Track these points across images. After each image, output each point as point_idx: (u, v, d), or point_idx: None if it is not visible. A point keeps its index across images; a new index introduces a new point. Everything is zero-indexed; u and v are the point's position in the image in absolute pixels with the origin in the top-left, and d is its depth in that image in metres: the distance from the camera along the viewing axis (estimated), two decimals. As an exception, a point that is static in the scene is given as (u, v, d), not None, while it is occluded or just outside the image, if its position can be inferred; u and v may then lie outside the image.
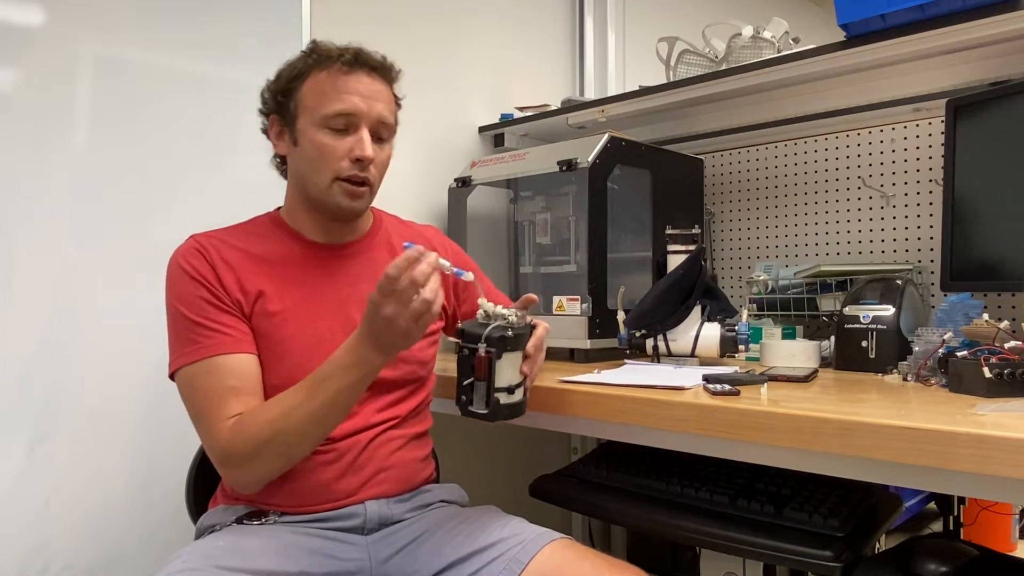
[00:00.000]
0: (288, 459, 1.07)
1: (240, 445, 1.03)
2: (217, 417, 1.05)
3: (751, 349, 1.50)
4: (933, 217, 1.63)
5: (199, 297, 1.10)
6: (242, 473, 1.06)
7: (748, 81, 1.66)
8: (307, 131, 1.14)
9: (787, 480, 1.24)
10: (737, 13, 2.00)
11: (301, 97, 1.15)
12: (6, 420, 1.38)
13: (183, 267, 1.12)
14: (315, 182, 1.15)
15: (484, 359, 1.03)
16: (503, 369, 1.05)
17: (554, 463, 1.58)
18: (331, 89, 1.13)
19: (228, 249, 1.15)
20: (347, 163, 1.13)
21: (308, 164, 1.15)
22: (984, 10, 1.30)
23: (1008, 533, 2.50)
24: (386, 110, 1.17)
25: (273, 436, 1.03)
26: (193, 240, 1.16)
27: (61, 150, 1.44)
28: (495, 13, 2.24)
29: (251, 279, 1.14)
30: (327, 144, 1.13)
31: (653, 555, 2.07)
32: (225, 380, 1.07)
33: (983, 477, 0.81)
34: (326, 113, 1.12)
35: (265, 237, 1.20)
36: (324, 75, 1.14)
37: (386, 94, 1.18)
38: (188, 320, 1.09)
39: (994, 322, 1.17)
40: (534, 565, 1.04)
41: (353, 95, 1.13)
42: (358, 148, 1.13)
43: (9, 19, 1.39)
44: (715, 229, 2.01)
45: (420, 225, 1.41)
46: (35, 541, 1.40)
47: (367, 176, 1.16)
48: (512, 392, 1.06)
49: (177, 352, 1.10)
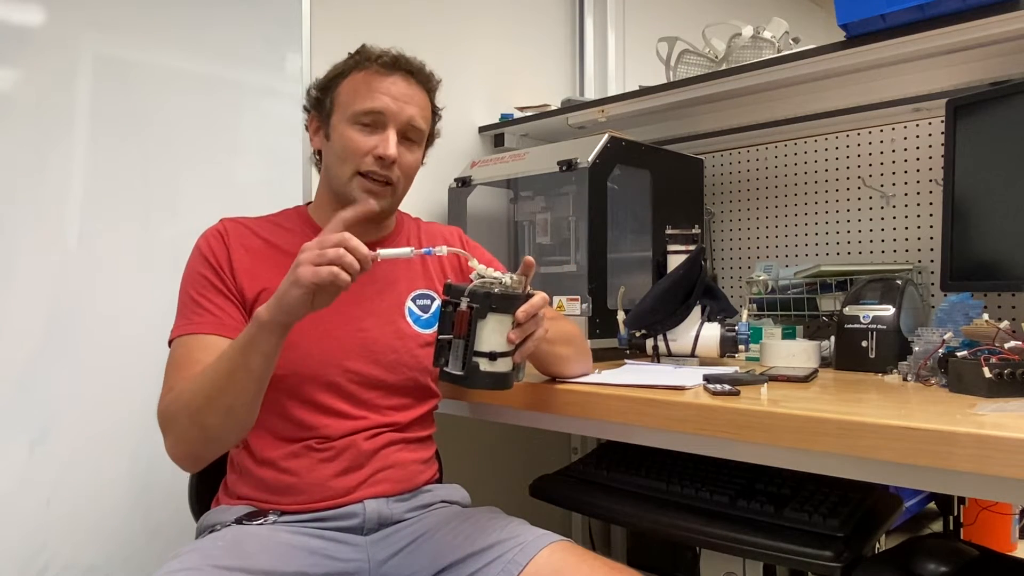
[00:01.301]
0: (201, 428, 1.02)
1: (165, 410, 1.05)
2: (166, 388, 1.07)
3: (751, 349, 1.50)
4: (933, 217, 1.63)
5: (204, 276, 1.14)
6: (168, 443, 1.06)
7: (748, 81, 1.66)
8: (338, 126, 1.18)
9: (787, 480, 1.24)
10: (737, 13, 1.99)
11: (338, 94, 1.19)
12: (6, 420, 1.38)
13: (201, 247, 1.17)
14: (338, 175, 1.19)
15: (465, 314, 0.96)
16: (486, 331, 0.97)
17: (554, 463, 1.58)
18: (365, 88, 1.17)
19: (251, 237, 1.20)
20: (370, 159, 1.16)
21: (334, 158, 1.19)
22: (984, 10, 1.30)
23: (1008, 533, 2.50)
24: (418, 115, 1.19)
25: (187, 400, 1.02)
26: (221, 223, 1.21)
27: (61, 150, 1.44)
28: (495, 13, 2.24)
29: (265, 271, 1.16)
30: (353, 138, 1.16)
31: (653, 555, 2.07)
32: (194, 354, 1.08)
33: (983, 477, 0.81)
34: (356, 110, 1.16)
35: (290, 231, 1.23)
36: (362, 75, 1.18)
37: (420, 99, 1.20)
38: (188, 296, 1.14)
39: (994, 322, 1.17)
40: (532, 567, 1.03)
41: (385, 95, 1.16)
42: (382, 146, 1.15)
43: (9, 19, 1.39)
44: (715, 229, 2.01)
45: (443, 226, 1.41)
46: (35, 541, 1.40)
47: (389, 175, 1.17)
48: (495, 359, 0.98)
49: (174, 324, 1.14)
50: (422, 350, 1.22)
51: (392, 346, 1.20)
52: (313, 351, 1.14)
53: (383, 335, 1.20)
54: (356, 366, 1.17)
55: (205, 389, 1.02)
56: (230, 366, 1.01)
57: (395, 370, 1.19)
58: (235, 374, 1.01)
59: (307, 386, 1.14)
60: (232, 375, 1.01)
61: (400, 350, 1.20)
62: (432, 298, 1.27)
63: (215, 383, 1.01)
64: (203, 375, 1.03)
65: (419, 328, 1.24)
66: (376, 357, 1.18)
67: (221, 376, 1.01)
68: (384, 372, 1.18)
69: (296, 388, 1.14)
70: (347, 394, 1.16)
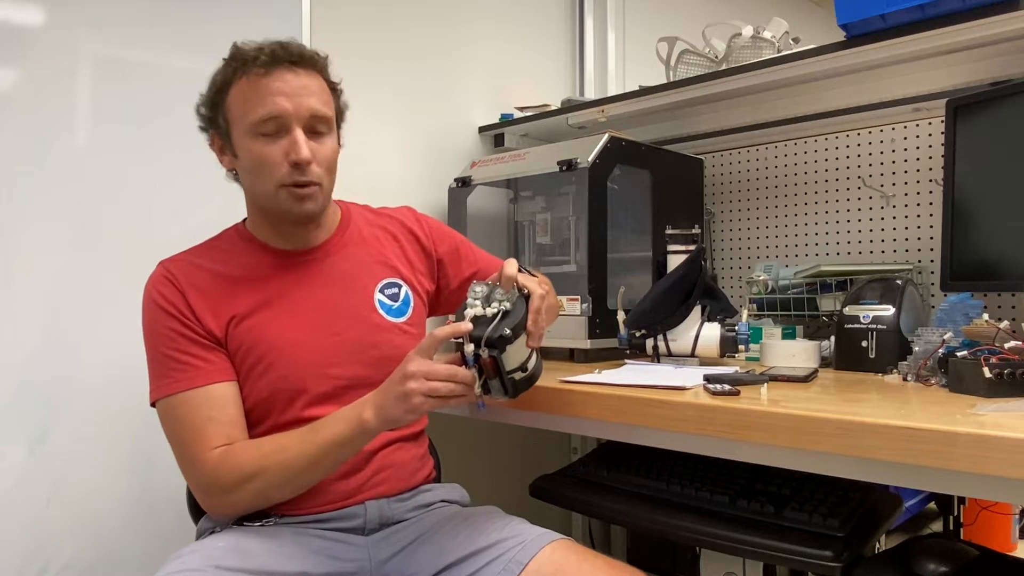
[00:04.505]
0: (266, 499, 1.07)
1: (226, 474, 1.04)
2: (202, 447, 1.05)
3: (751, 349, 1.50)
4: (933, 217, 1.63)
5: (170, 329, 1.10)
6: (221, 504, 1.07)
7: (748, 81, 1.66)
8: (241, 142, 1.10)
9: (787, 480, 1.24)
10: (737, 13, 1.99)
11: (228, 108, 1.11)
12: (6, 420, 1.38)
13: (154, 298, 1.12)
14: (261, 192, 1.13)
15: (490, 362, 0.99)
16: (510, 357, 1.01)
17: (554, 463, 1.58)
18: (253, 94, 1.08)
19: (197, 272, 1.14)
20: (285, 168, 1.09)
21: (250, 175, 1.13)
22: (984, 10, 1.30)
23: (1008, 533, 2.50)
24: (318, 103, 1.10)
25: (259, 471, 1.04)
26: (162, 267, 1.15)
27: (61, 150, 1.44)
28: (495, 13, 2.24)
29: (223, 302, 1.13)
30: (262, 152, 1.09)
31: (653, 555, 2.07)
32: (201, 411, 1.07)
33: (983, 477, 0.81)
34: (253, 120, 1.08)
35: (233, 253, 1.18)
36: (245, 81, 1.08)
37: (315, 86, 1.11)
38: (161, 353, 1.10)
39: (994, 322, 1.17)
40: (533, 566, 1.03)
41: (276, 96, 1.07)
42: (293, 151, 1.08)
43: (9, 19, 1.39)
44: (715, 229, 2.01)
45: (393, 209, 1.36)
46: (35, 541, 1.40)
47: (311, 178, 1.10)
48: (525, 368, 1.05)
49: (154, 384, 1.10)
50: (401, 338, 1.20)
51: (371, 342, 1.18)
52: (293, 367, 1.12)
53: (359, 333, 1.18)
54: (339, 371, 1.15)
55: (283, 469, 1.04)
56: (317, 453, 1.03)
57: (379, 365, 1.14)
58: (323, 462, 1.04)
59: (297, 401, 1.13)
60: (319, 462, 1.04)
61: (380, 344, 1.18)
62: (400, 285, 1.25)
63: (298, 465, 1.04)
64: (277, 453, 1.04)
65: (393, 318, 1.21)
66: (357, 357, 1.16)
67: (307, 460, 1.03)
68: (369, 369, 1.15)
69: (286, 405, 1.13)
70: (337, 399, 1.13)
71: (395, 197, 1.52)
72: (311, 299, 1.17)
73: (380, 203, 1.36)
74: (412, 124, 2.04)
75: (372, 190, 1.56)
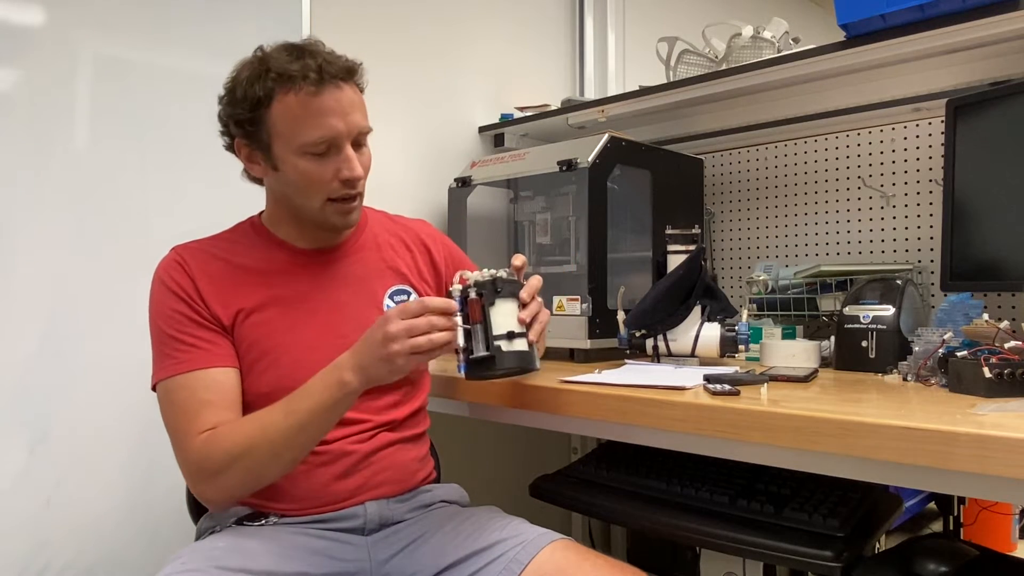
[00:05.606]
0: (257, 478, 1.06)
1: (212, 457, 1.03)
2: (190, 431, 1.05)
3: (751, 349, 1.50)
4: (933, 217, 1.63)
5: (177, 311, 1.10)
6: (210, 488, 1.06)
7: (748, 81, 1.66)
8: (287, 159, 1.09)
9: (787, 480, 1.24)
10: (737, 13, 1.99)
11: (272, 124, 1.08)
12: (6, 420, 1.38)
13: (164, 280, 1.12)
14: (306, 205, 1.13)
15: (476, 302, 1.03)
16: (499, 316, 1.04)
17: (554, 463, 1.58)
18: (304, 114, 1.06)
19: (210, 260, 1.14)
20: (337, 184, 1.10)
21: (295, 189, 1.12)
22: (984, 10, 1.30)
23: (1008, 533, 2.50)
24: (362, 118, 1.12)
25: (246, 451, 1.02)
26: (175, 252, 1.15)
27: (61, 150, 1.44)
28: (495, 13, 2.24)
29: (233, 293, 1.13)
30: (313, 170, 1.09)
31: (653, 555, 2.07)
32: (199, 394, 1.06)
33: (983, 477, 0.81)
34: (306, 141, 1.07)
35: (248, 246, 1.18)
36: (292, 98, 1.06)
37: (358, 100, 1.12)
38: (166, 335, 1.09)
39: (994, 322, 1.17)
40: (534, 566, 1.03)
41: (329, 117, 1.07)
42: (347, 169, 1.09)
43: (9, 19, 1.39)
44: (715, 229, 2.01)
45: (409, 219, 1.38)
46: (35, 541, 1.40)
47: (359, 190, 1.14)
48: (512, 339, 1.05)
49: (157, 366, 1.10)
50: None
51: None
52: (297, 366, 1.11)
53: None
54: None
55: (269, 443, 1.02)
56: (302, 422, 1.01)
57: None
58: (308, 430, 1.02)
59: None
60: (305, 431, 1.02)
61: None
62: (409, 293, 1.25)
63: (285, 437, 1.02)
64: (262, 429, 1.02)
65: None
66: None
67: (292, 431, 1.02)
68: None
69: None
70: None
71: (395, 197, 1.52)
72: (321, 300, 1.18)
73: (380, 203, 1.36)
74: (412, 124, 2.04)
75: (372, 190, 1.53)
